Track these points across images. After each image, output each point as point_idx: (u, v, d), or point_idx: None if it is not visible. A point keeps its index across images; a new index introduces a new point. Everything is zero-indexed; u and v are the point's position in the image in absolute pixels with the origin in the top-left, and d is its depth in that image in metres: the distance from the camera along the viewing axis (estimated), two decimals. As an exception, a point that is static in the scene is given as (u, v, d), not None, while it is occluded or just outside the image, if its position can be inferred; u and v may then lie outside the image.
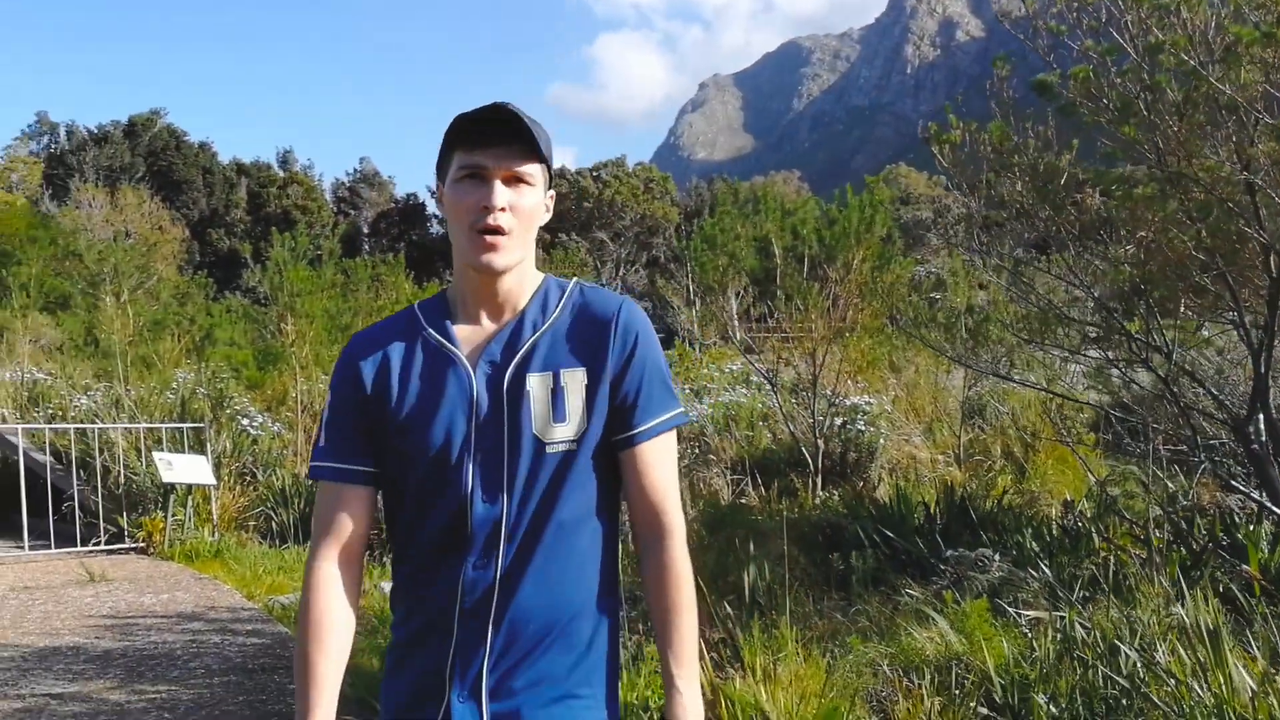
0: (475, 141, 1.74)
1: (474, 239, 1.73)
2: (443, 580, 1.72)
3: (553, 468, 1.73)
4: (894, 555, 6.32)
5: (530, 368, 1.75)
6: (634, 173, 57.12)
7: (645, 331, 1.82)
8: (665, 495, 1.79)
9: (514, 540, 1.71)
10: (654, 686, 4.08)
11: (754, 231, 10.88)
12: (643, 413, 1.78)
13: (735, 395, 12.94)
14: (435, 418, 1.74)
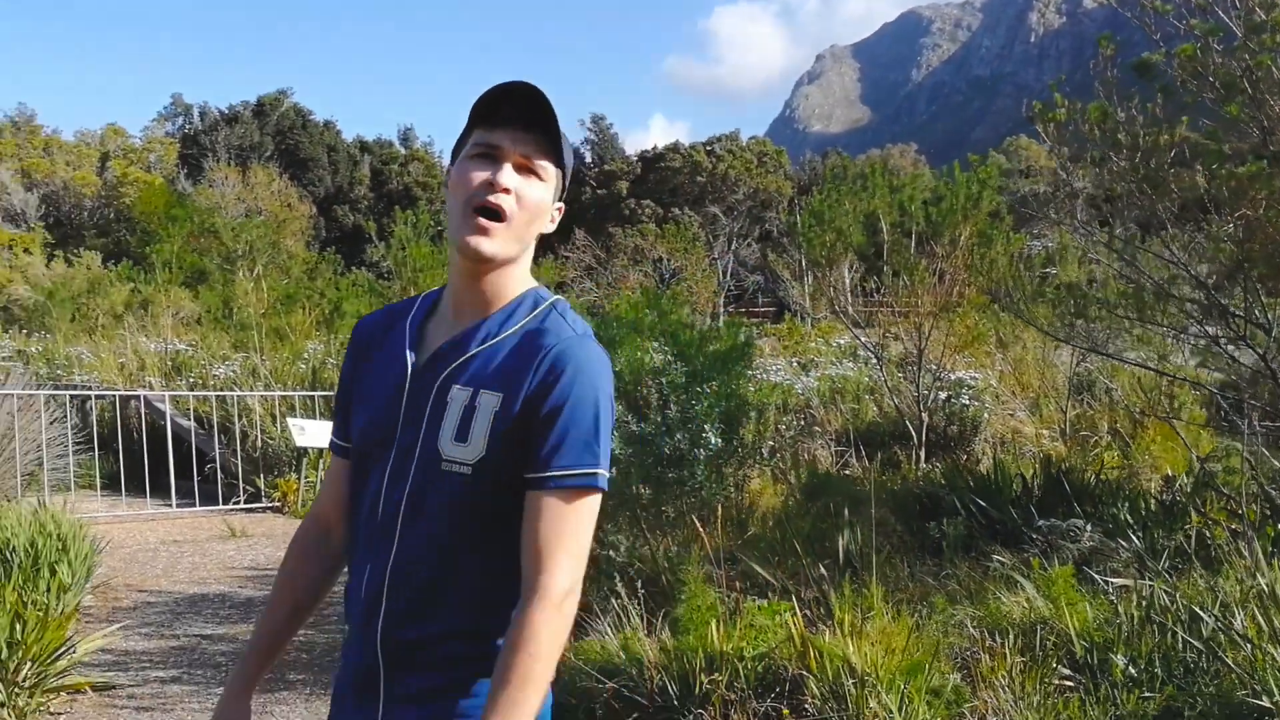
0: (495, 121, 1.68)
1: (469, 217, 1.66)
2: (353, 580, 1.76)
3: (446, 487, 1.66)
4: (989, 525, 6.51)
5: (459, 380, 1.69)
6: (747, 146, 56.97)
7: (579, 370, 1.66)
8: (545, 553, 1.61)
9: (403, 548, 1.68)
10: (748, 638, 4.39)
11: (862, 207, 11.01)
12: (545, 459, 1.64)
13: (842, 369, 13.12)
14: (371, 416, 1.76)
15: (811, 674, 4.08)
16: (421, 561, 1.67)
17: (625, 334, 6.12)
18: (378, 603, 1.69)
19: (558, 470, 1.63)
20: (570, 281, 24.29)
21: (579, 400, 1.65)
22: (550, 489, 1.63)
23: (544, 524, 1.62)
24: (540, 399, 1.64)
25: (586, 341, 1.70)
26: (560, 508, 1.63)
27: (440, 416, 1.68)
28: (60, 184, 44.36)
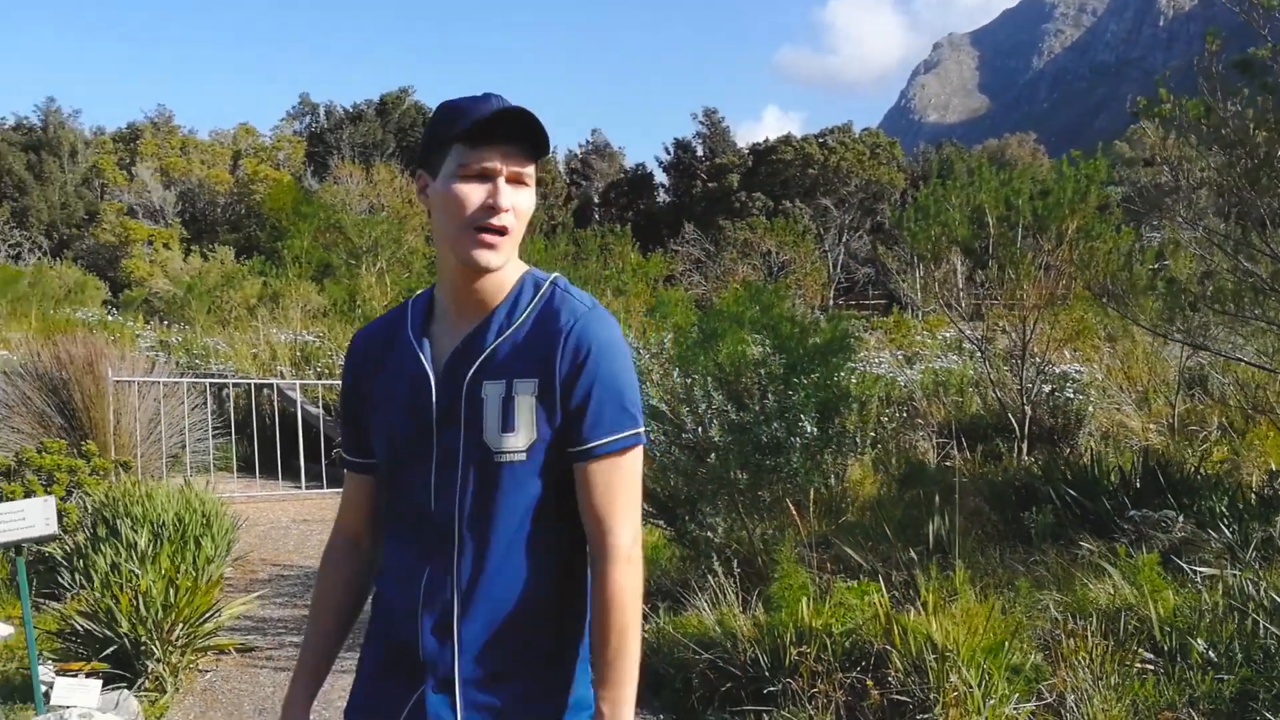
0: (482, 139, 1.72)
1: (474, 237, 1.73)
2: (407, 580, 1.80)
3: (501, 477, 1.75)
4: (1082, 515, 6.62)
5: (487, 374, 1.77)
6: (860, 138, 56.45)
7: (601, 345, 1.78)
8: (606, 515, 1.76)
9: (468, 543, 1.76)
10: (837, 615, 4.65)
11: (968, 201, 11.08)
12: (589, 430, 1.76)
13: (946, 362, 13.17)
14: (397, 422, 1.81)
15: (895, 649, 4.33)
16: (489, 554, 1.75)
17: (727, 327, 6.39)
18: (444, 602, 1.76)
19: (604, 439, 1.76)
20: (679, 275, 24.57)
21: (608, 371, 1.77)
22: (599, 456, 1.76)
23: (599, 489, 1.76)
24: (573, 378, 1.75)
25: (598, 313, 1.81)
26: (611, 471, 1.77)
27: (480, 413, 1.75)
28: (196, 182, 46.26)
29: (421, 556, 1.78)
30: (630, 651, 1.74)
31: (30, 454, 7.84)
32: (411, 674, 1.80)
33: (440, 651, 1.76)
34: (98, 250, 42.60)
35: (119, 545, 6.04)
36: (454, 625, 1.76)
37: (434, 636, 1.76)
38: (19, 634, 5.83)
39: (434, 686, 1.77)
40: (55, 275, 26.54)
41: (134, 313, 23.41)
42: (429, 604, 1.77)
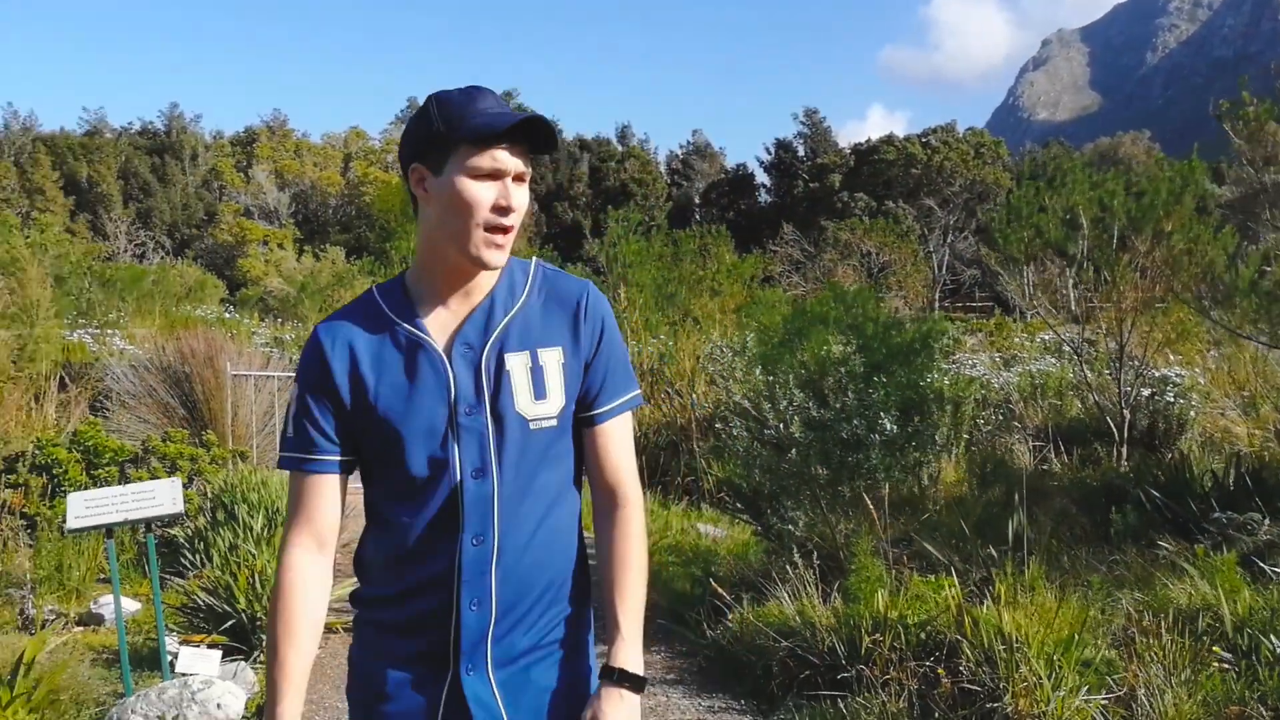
0: (491, 139, 1.75)
1: (484, 237, 1.76)
2: (437, 560, 1.77)
3: (537, 444, 1.80)
4: (1173, 518, 6.64)
5: (508, 347, 1.81)
6: (964, 138, 55.73)
7: (609, 315, 1.91)
8: (624, 468, 1.89)
9: (506, 516, 1.77)
10: (912, 607, 4.80)
11: (1061, 203, 11.03)
12: (608, 394, 1.88)
13: (1044, 364, 13.09)
14: (414, 407, 1.78)
15: (967, 640, 4.47)
16: (525, 520, 1.79)
17: (812, 327, 6.57)
18: (484, 579, 1.76)
19: (622, 398, 1.90)
20: (777, 276, 24.65)
21: (618, 337, 1.93)
22: (616, 416, 1.89)
23: (616, 446, 1.89)
24: (596, 343, 1.87)
25: (593, 284, 1.93)
26: (625, 429, 1.92)
27: (507, 385, 1.79)
28: (308, 184, 47.70)
29: (449, 538, 1.76)
30: (643, 586, 1.85)
31: (156, 442, 8.35)
32: (440, 656, 1.78)
33: (479, 630, 1.77)
34: (216, 250, 44.18)
35: (236, 528, 6.45)
36: (493, 602, 1.76)
37: (472, 613, 1.76)
38: (145, 610, 6.28)
39: (468, 667, 1.77)
40: (177, 274, 27.69)
41: (249, 310, 24.35)
42: (469, 583, 1.76)
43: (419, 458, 1.76)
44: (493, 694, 1.77)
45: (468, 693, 1.76)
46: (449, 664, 1.77)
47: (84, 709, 4.72)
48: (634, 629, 1.80)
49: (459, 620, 1.76)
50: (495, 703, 1.77)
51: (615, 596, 1.81)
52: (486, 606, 1.76)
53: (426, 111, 1.80)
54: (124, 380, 10.36)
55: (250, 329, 18.86)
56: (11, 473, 7.59)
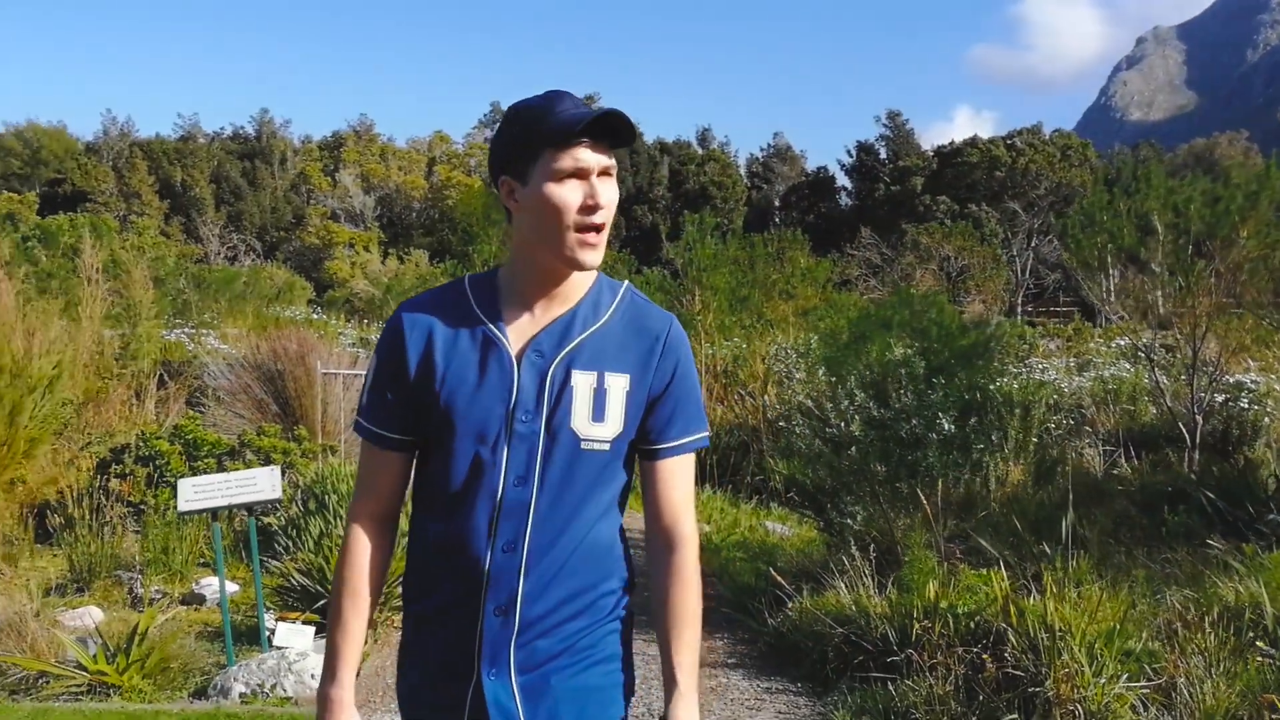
0: (570, 138, 1.74)
1: (577, 238, 1.76)
2: (467, 562, 1.77)
3: (585, 464, 1.79)
4: (1231, 520, 6.74)
5: (577, 364, 1.80)
6: (1050, 139, 54.96)
7: (687, 352, 1.90)
8: (683, 507, 1.88)
9: (540, 527, 1.77)
10: (961, 597, 5.03)
11: (1135, 208, 11.07)
12: (674, 431, 1.86)
13: (1118, 370, 13.10)
14: (475, 402, 1.78)
15: (1013, 628, 4.69)
16: (559, 536, 1.78)
17: (875, 330, 6.80)
18: (509, 585, 1.76)
19: (689, 437, 1.89)
20: (854, 280, 24.73)
21: (692, 375, 1.92)
22: (683, 454, 1.88)
23: (680, 482, 1.89)
24: (670, 379, 1.86)
25: (676, 320, 1.93)
26: (689, 468, 1.91)
27: (568, 400, 1.78)
28: (393, 187, 48.72)
29: (483, 538, 1.77)
30: (698, 634, 1.86)
31: (251, 436, 8.85)
32: (466, 655, 1.80)
33: (502, 635, 1.78)
34: (303, 252, 45.30)
35: (327, 516, 6.87)
36: (517, 608, 1.77)
37: (496, 619, 1.77)
38: (242, 592, 6.72)
39: (490, 671, 1.78)
40: (267, 276, 28.60)
41: (336, 312, 25.09)
42: (493, 586, 1.77)
43: (467, 454, 1.78)
44: (513, 698, 1.78)
45: (488, 696, 1.77)
46: (474, 664, 1.78)
47: (191, 677, 5.15)
48: (690, 681, 1.81)
49: (482, 624, 1.77)
50: (515, 707, 1.78)
51: (672, 650, 1.82)
52: (511, 614, 1.77)
53: (507, 123, 1.83)
54: (220, 377, 10.92)
55: (337, 330, 19.50)
56: (118, 463, 8.12)
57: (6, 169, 50.76)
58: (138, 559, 6.91)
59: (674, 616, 1.83)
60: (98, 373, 10.80)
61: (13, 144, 52.87)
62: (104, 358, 11.14)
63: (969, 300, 25.00)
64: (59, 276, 14.02)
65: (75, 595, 6.42)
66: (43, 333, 8.71)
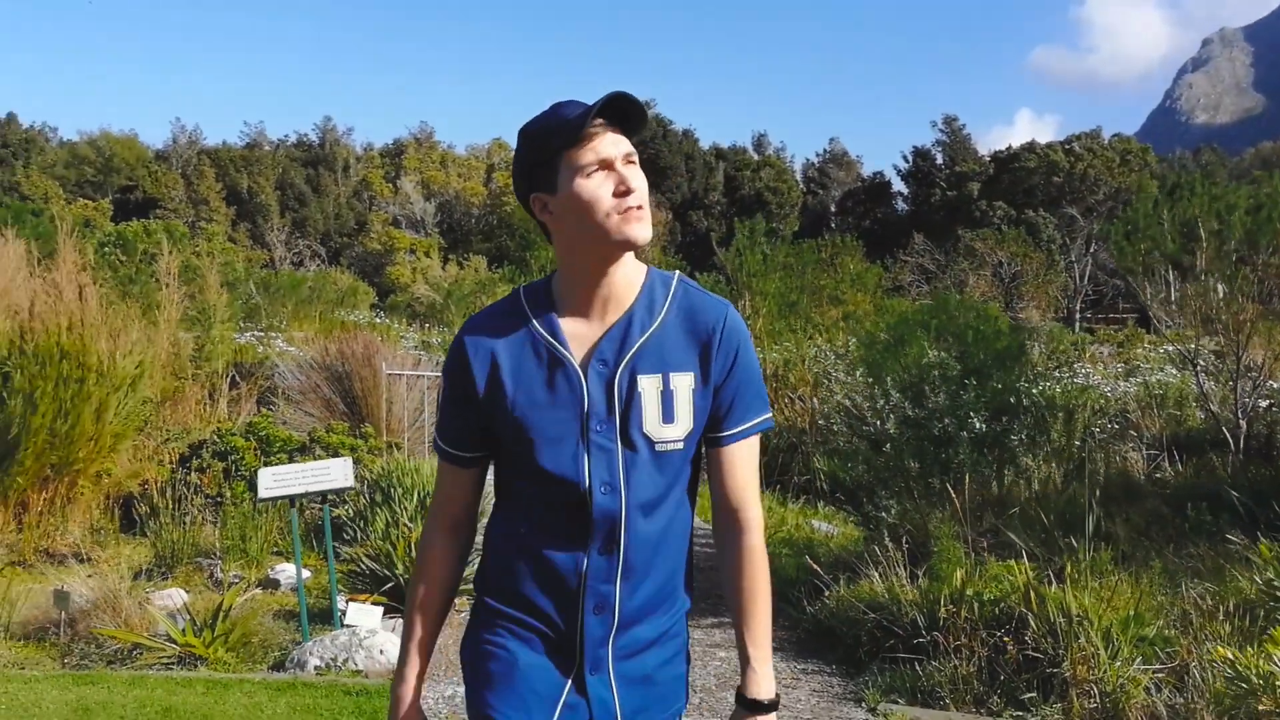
0: (583, 131, 1.77)
1: (619, 217, 1.76)
2: (562, 567, 1.81)
3: (661, 465, 1.82)
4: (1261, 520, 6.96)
5: (641, 369, 1.82)
6: (1110, 144, 54.47)
7: (746, 339, 1.90)
8: (748, 491, 1.90)
9: (632, 530, 1.81)
10: (987, 586, 5.32)
11: (1179, 215, 11.23)
12: (738, 416, 1.88)
13: (1164, 375, 13.23)
14: (549, 418, 1.81)
15: (1033, 614, 4.99)
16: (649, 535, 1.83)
17: (912, 334, 7.11)
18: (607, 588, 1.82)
19: (751, 421, 1.90)
20: (906, 285, 24.88)
21: (752, 362, 1.92)
22: (746, 438, 1.90)
23: (744, 468, 1.90)
24: (729, 369, 1.87)
25: (732, 308, 1.94)
26: (751, 451, 1.92)
27: (638, 406, 1.81)
28: (453, 194, 49.49)
29: (576, 544, 1.81)
30: (770, 612, 1.90)
31: (320, 433, 9.33)
32: (564, 657, 1.84)
33: (601, 635, 1.83)
34: (365, 257, 46.16)
35: (393, 507, 7.30)
36: (616, 609, 1.82)
37: (596, 619, 1.82)
38: (315, 578, 7.17)
39: (592, 668, 1.83)
40: (331, 281, 29.32)
41: (398, 316, 25.70)
42: (591, 590, 1.81)
43: (549, 467, 1.80)
44: (612, 693, 1.84)
45: (591, 694, 1.83)
46: (574, 661, 1.83)
47: (269, 651, 5.60)
48: (764, 657, 1.86)
49: (583, 625, 1.82)
50: (613, 701, 1.84)
51: (745, 629, 1.87)
52: (609, 613, 1.82)
53: (521, 144, 1.87)
54: (290, 378, 11.44)
55: (399, 333, 20.04)
56: (197, 458, 8.63)
57: (81, 176, 52.26)
58: (217, 546, 7.39)
59: (746, 596, 1.87)
60: (174, 373, 11.36)
61: (87, 152, 54.46)
62: (180, 359, 11.70)
63: (1022, 306, 25.03)
64: (140, 282, 14.67)
65: (160, 579, 6.90)
66: (125, 335, 9.23)
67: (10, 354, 7.96)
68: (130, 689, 4.78)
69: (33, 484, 7.73)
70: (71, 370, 7.99)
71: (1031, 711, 4.74)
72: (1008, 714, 4.75)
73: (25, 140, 55.59)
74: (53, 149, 57.21)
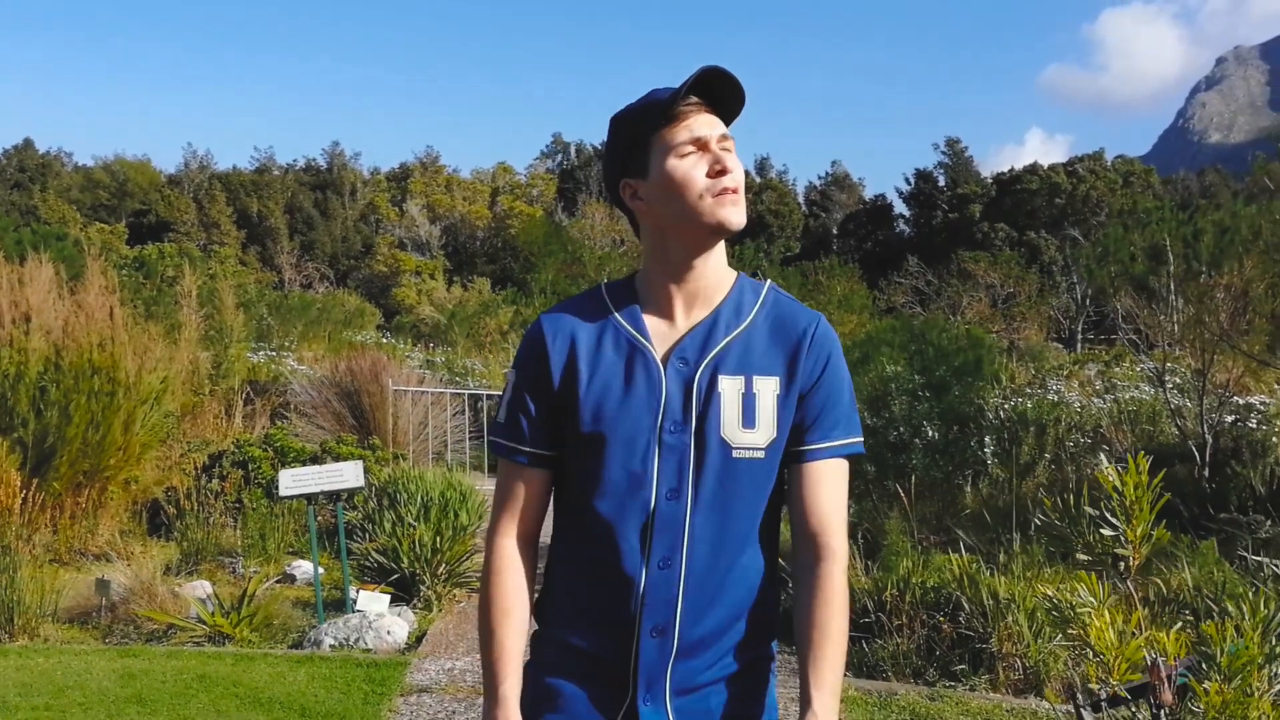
0: (679, 115, 1.70)
1: (716, 199, 1.69)
2: (622, 577, 1.70)
3: (738, 472, 1.71)
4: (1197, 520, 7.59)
5: (723, 369, 1.72)
6: (1112, 166, 55.02)
7: (837, 350, 1.79)
8: (831, 516, 1.73)
9: (697, 542, 1.69)
10: (929, 574, 5.94)
11: (1146, 239, 11.87)
12: (824, 430, 1.74)
13: (1137, 392, 13.83)
14: (623, 413, 1.72)
15: (967, 597, 5.61)
16: (718, 552, 1.70)
17: (877, 350, 7.75)
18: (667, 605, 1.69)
19: (840, 440, 1.76)
20: (900, 307, 25.52)
21: (843, 375, 1.80)
22: (832, 457, 1.75)
23: (828, 490, 1.74)
24: (817, 379, 1.75)
25: (823, 318, 1.82)
26: (840, 475, 1.77)
27: (716, 408, 1.70)
28: (458, 217, 50.24)
29: (636, 556, 1.70)
30: (842, 655, 1.69)
31: (331, 444, 9.98)
32: (619, 680, 1.73)
33: (658, 661, 1.70)
34: (372, 279, 46.91)
35: (398, 510, 7.94)
36: (675, 630, 1.69)
37: (653, 641, 1.69)
38: (328, 575, 7.80)
39: (645, 697, 1.71)
40: (338, 302, 30.07)
41: (404, 336, 26.40)
42: (650, 606, 1.69)
43: (616, 466, 1.71)
44: None
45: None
46: (627, 689, 1.72)
47: (289, 633, 6.24)
48: (829, 705, 1.63)
49: (639, 647, 1.70)
50: None
51: (811, 669, 1.65)
52: (669, 636, 1.69)
53: (614, 131, 1.79)
54: (303, 393, 12.12)
55: (404, 353, 20.69)
56: (217, 466, 9.29)
57: (96, 200, 53.21)
58: (238, 545, 8.03)
59: (817, 632, 1.67)
60: (193, 389, 12.03)
61: (101, 177, 55.47)
62: (199, 376, 12.38)
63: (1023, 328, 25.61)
64: (162, 303, 15.38)
65: (187, 575, 7.54)
66: (150, 352, 9.91)
67: (46, 369, 8.63)
68: (168, 660, 5.44)
69: (67, 489, 8.38)
70: (102, 385, 8.65)
71: (962, 682, 5.36)
72: (941, 684, 5.37)
73: (42, 165, 56.60)
74: (68, 173, 58.24)
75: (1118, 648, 2.48)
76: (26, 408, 8.15)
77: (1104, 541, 2.46)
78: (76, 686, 5.03)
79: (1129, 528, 2.43)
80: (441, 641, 6.13)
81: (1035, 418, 10.81)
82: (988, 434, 8.53)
